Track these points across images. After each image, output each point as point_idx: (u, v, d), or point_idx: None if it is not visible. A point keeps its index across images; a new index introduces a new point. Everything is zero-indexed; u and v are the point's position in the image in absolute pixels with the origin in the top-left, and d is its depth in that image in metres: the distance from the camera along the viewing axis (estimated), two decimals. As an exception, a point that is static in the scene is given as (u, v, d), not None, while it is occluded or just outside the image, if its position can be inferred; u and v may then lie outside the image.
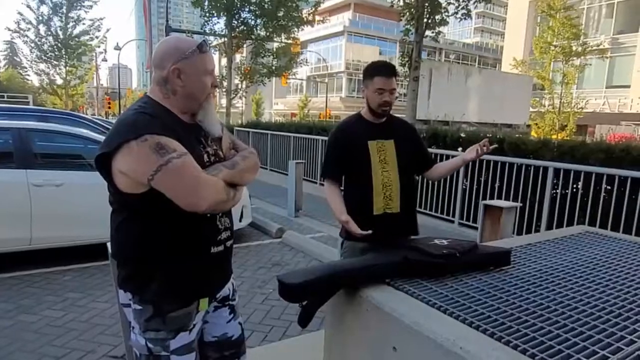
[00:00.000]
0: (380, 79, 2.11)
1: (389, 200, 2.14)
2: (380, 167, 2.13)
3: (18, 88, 35.99)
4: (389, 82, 2.11)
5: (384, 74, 2.12)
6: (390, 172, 2.14)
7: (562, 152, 5.25)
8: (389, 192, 2.13)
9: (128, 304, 1.36)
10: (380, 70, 2.13)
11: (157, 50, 1.37)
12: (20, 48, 39.65)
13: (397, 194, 2.15)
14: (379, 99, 2.11)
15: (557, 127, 22.08)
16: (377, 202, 2.12)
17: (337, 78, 40.89)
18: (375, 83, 2.11)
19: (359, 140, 2.15)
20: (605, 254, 1.89)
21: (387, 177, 2.13)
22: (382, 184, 2.12)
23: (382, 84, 2.10)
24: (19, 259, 4.12)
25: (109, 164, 1.25)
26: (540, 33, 22.79)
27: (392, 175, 2.14)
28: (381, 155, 2.14)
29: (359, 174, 2.14)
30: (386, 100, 2.12)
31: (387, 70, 2.13)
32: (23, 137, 4.10)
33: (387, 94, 2.12)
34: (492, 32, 63.38)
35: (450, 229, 5.99)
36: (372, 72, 2.15)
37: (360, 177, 2.14)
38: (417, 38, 10.10)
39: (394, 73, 2.14)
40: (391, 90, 2.12)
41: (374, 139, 2.15)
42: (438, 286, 1.44)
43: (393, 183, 2.14)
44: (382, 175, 2.12)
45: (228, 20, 17.73)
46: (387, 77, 2.11)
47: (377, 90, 2.11)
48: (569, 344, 1.09)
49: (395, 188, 2.14)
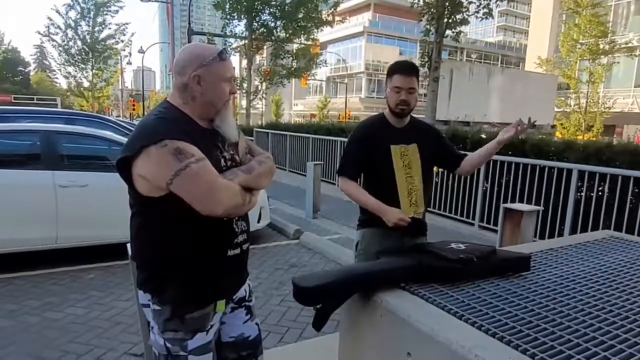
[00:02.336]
0: (398, 77, 2.07)
1: (416, 206, 2.12)
2: (404, 172, 2.11)
3: (47, 91, 37.18)
4: (407, 81, 2.06)
5: (401, 72, 2.07)
6: (414, 177, 2.12)
7: (588, 153, 5.10)
8: (414, 198, 2.12)
9: (147, 304, 1.40)
10: (398, 68, 2.09)
11: (178, 57, 1.40)
12: (49, 52, 40.96)
13: (422, 199, 2.14)
14: (396, 97, 2.07)
15: (583, 128, 21.50)
16: (404, 207, 2.09)
17: (357, 79, 40.81)
18: (394, 81, 2.08)
19: (381, 143, 2.11)
20: (631, 260, 1.83)
21: (412, 183, 2.12)
22: (408, 190, 2.10)
23: (399, 82, 2.06)
24: (45, 257, 4.25)
25: (129, 167, 1.28)
26: (567, 30, 22.21)
27: (416, 181, 2.12)
28: (405, 160, 2.11)
29: (382, 178, 2.12)
30: (403, 99, 2.06)
31: (406, 68, 2.09)
32: (50, 140, 4.24)
33: (405, 93, 2.06)
34: (515, 30, 62.13)
35: (471, 232, 5.90)
36: (391, 70, 2.11)
37: (384, 182, 2.11)
38: (437, 38, 9.98)
39: (413, 71, 2.08)
40: (409, 89, 2.06)
41: (397, 143, 2.11)
42: (454, 291, 1.42)
43: (418, 189, 2.13)
44: (406, 182, 2.11)
45: (248, 23, 17.92)
46: (405, 75, 2.06)
47: (394, 88, 2.07)
48: (589, 354, 1.06)
49: (420, 193, 2.13)
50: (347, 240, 5.32)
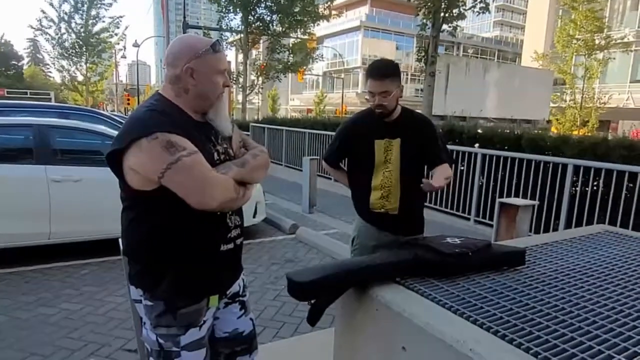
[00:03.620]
0: (371, 81, 2.05)
1: (386, 201, 2.11)
2: (383, 167, 2.11)
3: (41, 85, 36.88)
4: (378, 85, 2.03)
5: (373, 76, 2.04)
6: (392, 172, 2.11)
7: (583, 148, 5.11)
8: (386, 193, 2.11)
9: (139, 299, 1.38)
10: (371, 72, 2.06)
11: (170, 48, 1.37)
12: (42, 45, 40.63)
13: (397, 195, 2.12)
14: (372, 101, 2.06)
15: (578, 123, 21.59)
16: (373, 200, 2.11)
17: (354, 74, 40.69)
18: (368, 85, 2.06)
19: (366, 137, 2.12)
20: (626, 254, 1.83)
21: (388, 178, 2.11)
22: (381, 184, 2.11)
23: (371, 87, 2.04)
24: (38, 252, 4.22)
25: (120, 160, 1.26)
26: (562, 26, 22.24)
27: (394, 176, 2.11)
28: (387, 155, 2.10)
29: (362, 170, 2.15)
30: (378, 104, 2.05)
31: (376, 73, 2.04)
32: (43, 134, 4.19)
33: (378, 97, 2.03)
34: (512, 25, 62.16)
35: (466, 227, 5.91)
36: (366, 73, 2.11)
37: (363, 174, 2.14)
38: (434, 32, 9.97)
39: (385, 75, 2.03)
40: (381, 93, 2.02)
41: (382, 137, 2.11)
42: (449, 286, 1.42)
43: (392, 184, 2.11)
44: (382, 176, 2.11)
45: (244, 16, 17.81)
46: (376, 80, 2.03)
47: (369, 93, 2.06)
48: (584, 348, 1.06)
49: (395, 189, 2.11)
50: (343, 235, 5.32)
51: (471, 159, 6.01)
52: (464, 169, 6.15)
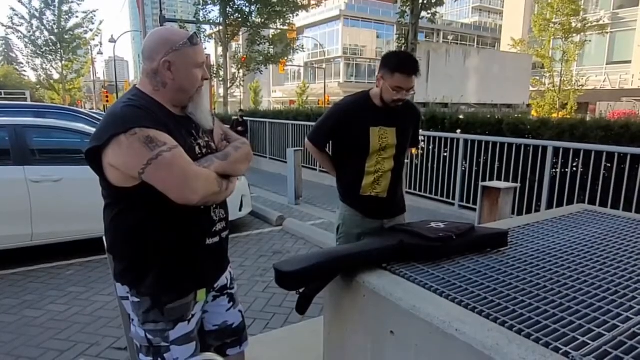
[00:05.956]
0: (401, 77, 1.97)
1: (378, 186, 2.13)
2: (378, 154, 2.10)
3: (15, 84, 35.81)
4: (409, 81, 1.99)
5: (405, 72, 1.97)
6: (386, 159, 2.12)
7: (561, 130, 5.21)
8: (378, 177, 2.13)
9: (126, 296, 1.37)
10: (403, 68, 1.97)
11: (147, 42, 1.35)
12: (15, 44, 39.36)
13: (388, 179, 2.14)
14: (395, 95, 2.01)
15: (557, 106, 21.94)
16: (365, 185, 2.12)
17: (335, 63, 40.56)
18: (395, 80, 1.97)
19: (361, 124, 2.08)
20: (604, 232, 1.89)
21: (381, 164, 2.12)
22: (375, 171, 2.11)
23: (401, 83, 1.98)
24: (21, 255, 4.14)
25: (99, 157, 1.24)
26: (540, 10, 22.48)
27: (387, 163, 2.13)
28: (382, 143, 2.10)
29: (355, 156, 2.12)
30: (400, 98, 2.03)
31: (411, 69, 1.97)
32: (19, 134, 4.09)
33: (405, 93, 2.01)
34: (490, 10, 62.47)
35: (451, 212, 6.00)
36: (394, 67, 1.98)
37: (355, 160, 2.12)
38: (413, 20, 9.98)
39: (417, 71, 2.00)
40: (409, 89, 2.01)
41: (377, 125, 2.09)
42: (434, 269, 1.44)
43: (385, 171, 2.13)
44: (376, 163, 2.11)
45: (222, 8, 17.54)
46: (409, 76, 1.98)
47: (395, 88, 1.99)
48: (565, 323, 1.09)
49: (387, 175, 2.14)
50: (329, 225, 5.34)
51: (454, 144, 6.07)
52: (447, 155, 6.22)
